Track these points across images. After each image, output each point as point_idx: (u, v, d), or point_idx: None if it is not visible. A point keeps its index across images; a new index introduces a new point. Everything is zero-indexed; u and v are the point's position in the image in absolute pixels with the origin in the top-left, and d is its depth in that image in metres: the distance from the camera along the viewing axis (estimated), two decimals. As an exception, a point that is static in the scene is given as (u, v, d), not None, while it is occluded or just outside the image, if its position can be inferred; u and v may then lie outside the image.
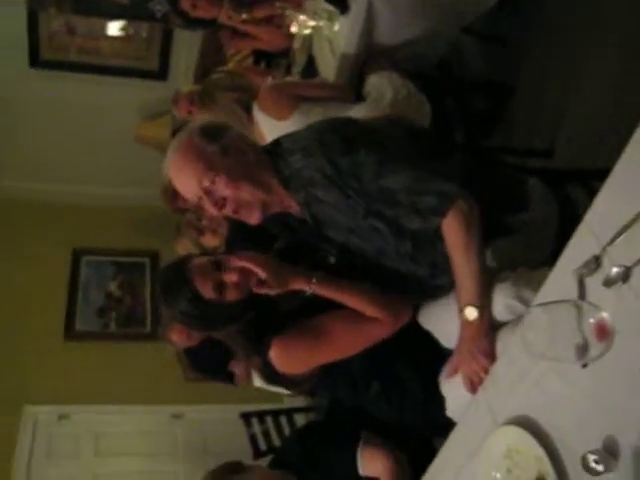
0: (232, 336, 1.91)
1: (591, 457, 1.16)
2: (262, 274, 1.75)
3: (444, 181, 1.71)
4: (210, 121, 1.83)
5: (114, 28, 5.39)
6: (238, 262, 1.78)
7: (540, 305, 1.17)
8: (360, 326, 1.82)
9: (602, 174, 1.31)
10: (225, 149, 1.75)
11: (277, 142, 1.91)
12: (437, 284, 1.87)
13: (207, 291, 1.76)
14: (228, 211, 1.76)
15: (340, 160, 1.71)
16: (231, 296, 1.78)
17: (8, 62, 5.16)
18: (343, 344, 1.86)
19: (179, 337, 3.90)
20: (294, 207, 1.85)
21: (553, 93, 2.97)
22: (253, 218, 1.79)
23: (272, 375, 1.85)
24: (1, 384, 4.50)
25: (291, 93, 2.77)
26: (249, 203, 1.77)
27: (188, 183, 1.75)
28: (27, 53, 5.18)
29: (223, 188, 1.73)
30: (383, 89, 2.78)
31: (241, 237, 1.91)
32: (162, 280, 1.83)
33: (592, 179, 2.15)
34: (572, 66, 2.88)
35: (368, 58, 2.96)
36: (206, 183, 1.72)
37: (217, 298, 1.77)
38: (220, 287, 1.77)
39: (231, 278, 1.78)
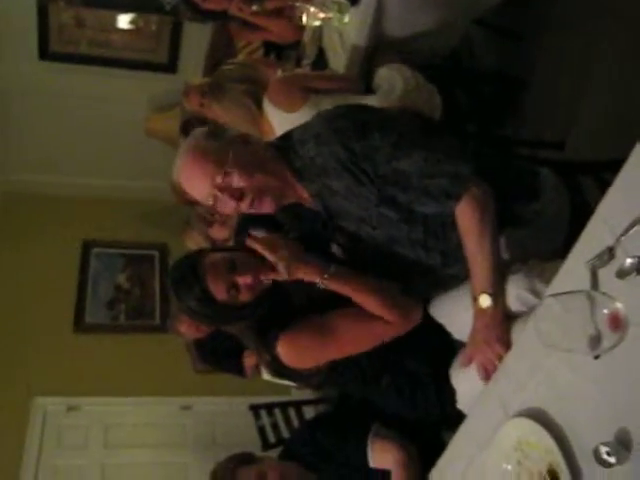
0: (242, 331, 1.91)
1: (603, 449, 1.15)
2: (271, 257, 1.74)
3: (458, 163, 1.70)
4: (212, 125, 1.83)
5: (124, 21, 5.40)
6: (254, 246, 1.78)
7: (553, 295, 1.16)
8: (369, 325, 1.81)
9: (614, 166, 1.30)
10: (231, 143, 1.76)
11: (286, 135, 1.90)
12: (449, 273, 1.86)
13: (220, 292, 1.75)
14: (246, 202, 1.74)
15: (354, 144, 1.71)
16: (244, 297, 1.78)
17: (18, 55, 5.18)
18: (351, 342, 1.85)
19: (188, 329, 3.92)
20: (307, 199, 1.84)
21: (565, 86, 2.95)
22: (268, 207, 1.78)
23: (280, 369, 1.85)
24: (11, 376, 4.54)
25: (301, 85, 2.76)
26: (264, 192, 1.75)
27: (202, 185, 1.74)
28: (36, 45, 5.19)
29: (237, 180, 1.72)
30: (393, 81, 2.76)
31: (250, 225, 1.90)
32: (174, 276, 1.82)
33: (604, 171, 2.14)
34: (584, 59, 2.86)
35: (378, 50, 2.95)
36: (219, 179, 1.71)
37: (230, 300, 1.76)
38: (233, 288, 1.76)
39: (245, 280, 1.77)
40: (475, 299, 1.71)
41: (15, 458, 4.28)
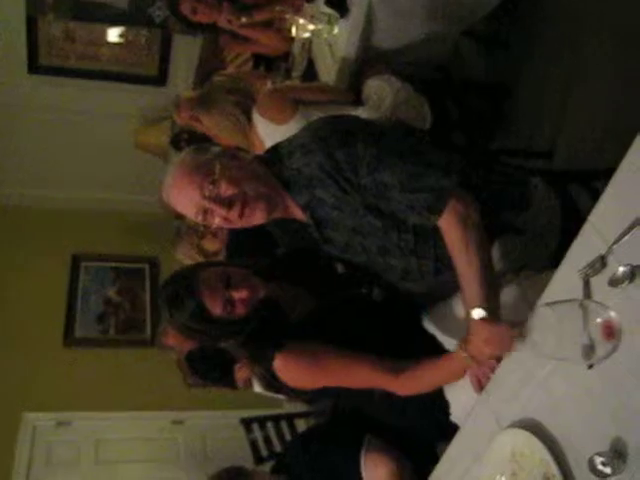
0: (234, 346, 1.89)
1: (598, 459, 1.14)
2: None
3: (440, 177, 1.69)
4: (199, 145, 1.83)
5: (113, 34, 5.40)
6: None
7: (546, 305, 1.16)
8: (367, 375, 1.78)
9: (603, 174, 1.30)
10: (218, 155, 1.76)
11: (273, 148, 1.90)
12: (442, 279, 1.85)
13: (216, 308, 1.73)
14: (236, 210, 1.72)
15: (338, 153, 1.71)
16: (239, 312, 1.76)
17: (7, 68, 5.18)
18: (346, 382, 1.84)
19: (175, 340, 3.91)
20: (297, 212, 1.84)
21: (553, 95, 2.97)
22: (259, 216, 1.76)
23: (273, 383, 1.83)
24: (0, 391, 4.49)
25: (290, 97, 2.76)
26: (254, 199, 1.73)
27: (190, 197, 1.72)
28: (26, 59, 5.19)
29: (226, 189, 1.70)
30: (383, 92, 2.77)
31: (241, 244, 1.89)
32: (168, 292, 1.79)
33: (593, 179, 2.14)
34: (572, 68, 2.88)
35: (367, 61, 2.95)
36: (208, 190, 1.70)
37: (225, 315, 1.75)
38: (229, 303, 1.75)
39: (240, 295, 1.76)
40: (469, 313, 1.69)
41: (4, 475, 4.22)
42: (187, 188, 1.72)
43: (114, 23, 5.28)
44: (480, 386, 1.68)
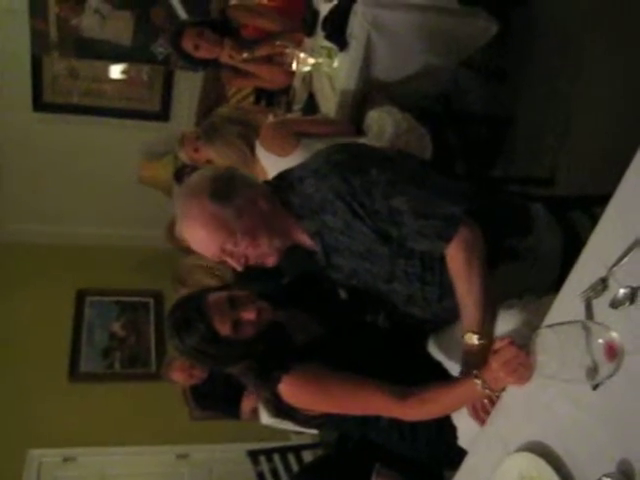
0: (242, 371, 1.90)
1: (606, 481, 1.15)
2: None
3: (450, 205, 1.73)
4: (215, 177, 1.81)
5: (116, 71, 5.48)
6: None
7: (549, 327, 1.17)
8: (374, 403, 1.78)
9: (604, 200, 1.32)
10: (240, 210, 1.75)
11: (282, 175, 1.93)
12: (447, 306, 1.87)
13: (225, 329, 1.75)
14: (250, 262, 1.80)
15: (353, 178, 1.74)
16: (248, 333, 1.78)
17: (12, 106, 5.25)
18: (350, 409, 1.84)
19: (180, 375, 3.93)
20: (305, 239, 1.87)
21: (552, 123, 3.00)
22: (270, 263, 1.83)
23: (280, 408, 1.83)
24: (5, 427, 4.49)
25: (292, 130, 2.79)
26: (269, 254, 1.81)
27: (209, 249, 1.79)
28: (30, 97, 5.27)
29: (244, 248, 1.77)
30: (384, 123, 2.81)
31: (247, 270, 1.91)
32: (176, 317, 1.80)
33: (594, 205, 2.17)
34: (570, 96, 2.92)
35: (368, 93, 3.00)
36: (228, 247, 1.76)
37: (233, 336, 1.77)
38: (237, 325, 1.77)
39: (249, 316, 1.78)
40: (462, 337, 1.72)
41: (10, 513, 4.21)
42: (208, 241, 1.76)
43: (117, 60, 5.37)
44: (476, 413, 1.69)
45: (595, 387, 1.22)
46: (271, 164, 2.77)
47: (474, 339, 1.68)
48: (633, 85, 2.62)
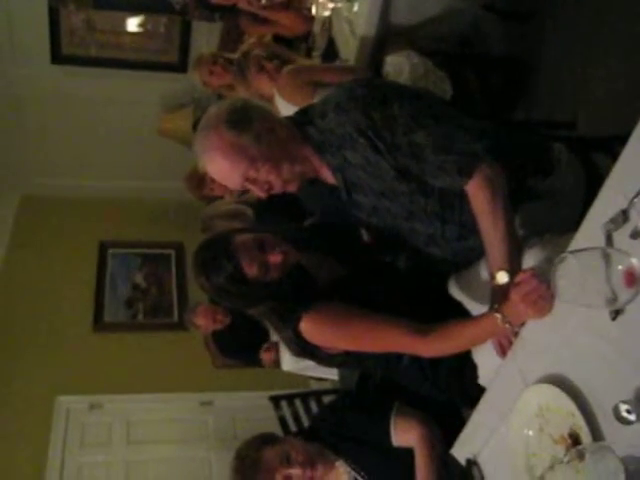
0: (264, 312, 1.93)
1: (623, 407, 1.17)
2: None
3: (471, 141, 1.73)
4: (230, 108, 1.82)
5: (133, 23, 5.45)
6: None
7: (570, 253, 1.18)
8: (393, 337, 1.79)
9: (625, 140, 1.31)
10: (258, 136, 1.77)
11: (304, 110, 1.93)
12: (467, 246, 1.88)
13: (252, 271, 1.78)
14: (274, 190, 1.82)
15: (374, 112, 1.74)
16: (273, 275, 1.81)
17: (30, 59, 5.25)
18: (369, 345, 1.86)
19: (205, 320, 3.99)
20: (327, 174, 1.88)
21: (574, 65, 2.96)
22: (292, 189, 1.85)
23: (302, 347, 1.86)
24: (33, 376, 4.61)
25: (309, 79, 2.78)
26: (290, 181, 1.83)
27: (232, 179, 1.81)
28: (49, 50, 5.25)
29: (267, 174, 1.78)
30: (401, 68, 2.79)
31: (271, 208, 1.93)
32: (204, 256, 1.83)
33: (616, 146, 2.15)
34: (593, 36, 2.87)
35: (387, 38, 2.97)
36: (251, 174, 1.78)
37: (260, 278, 1.79)
38: (264, 267, 1.79)
39: (276, 259, 1.81)
40: (492, 276, 1.72)
41: (40, 457, 4.34)
42: (230, 170, 1.78)
43: (134, 11, 5.33)
44: (502, 349, 1.71)
45: (614, 317, 1.24)
46: (288, 113, 2.77)
47: (505, 277, 1.66)
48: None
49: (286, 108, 2.80)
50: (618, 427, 1.19)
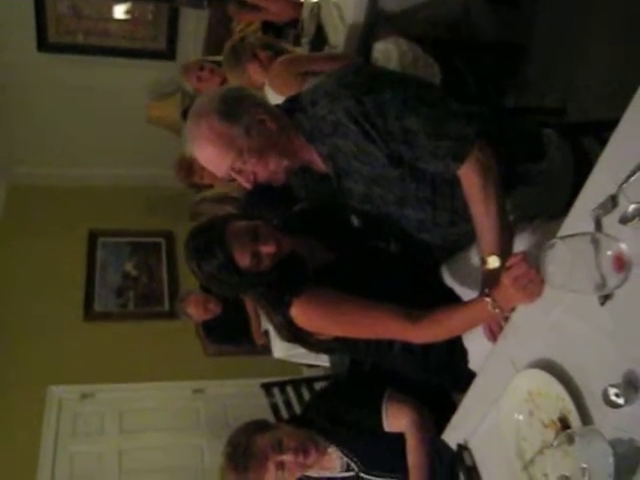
0: (255, 297, 1.93)
1: (612, 390, 1.18)
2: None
3: (464, 126, 1.73)
4: (223, 97, 1.81)
5: (120, 10, 5.40)
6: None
7: (559, 238, 1.19)
8: (383, 322, 1.81)
9: (615, 126, 1.31)
10: (248, 128, 1.76)
11: (294, 98, 1.92)
12: (458, 231, 1.88)
13: (244, 260, 1.78)
14: (260, 180, 1.82)
15: (365, 99, 1.73)
16: (265, 265, 1.81)
17: (16, 46, 5.19)
18: (361, 329, 1.87)
19: (196, 310, 3.98)
20: (318, 162, 1.88)
21: (563, 50, 2.97)
22: (280, 181, 1.85)
23: (293, 333, 1.86)
24: (25, 366, 4.61)
25: (299, 70, 2.77)
26: (276, 173, 1.82)
27: (218, 168, 1.81)
28: (35, 37, 5.20)
29: (253, 166, 1.78)
30: (389, 55, 2.78)
31: (260, 193, 1.93)
32: (197, 244, 1.82)
33: (605, 131, 2.15)
34: (582, 21, 2.87)
35: (377, 24, 2.96)
36: (237, 165, 1.78)
37: (252, 267, 1.79)
38: (256, 257, 1.79)
39: (268, 249, 1.81)
40: (484, 261, 1.73)
41: (32, 447, 4.34)
42: (217, 158, 1.79)
43: (120, -3, 5.29)
44: (492, 334, 1.72)
45: (603, 302, 1.25)
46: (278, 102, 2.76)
47: (496, 261, 1.68)
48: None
49: (274, 98, 2.79)
50: (607, 411, 1.21)
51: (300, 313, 1.80)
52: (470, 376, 1.82)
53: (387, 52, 2.79)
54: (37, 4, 5.05)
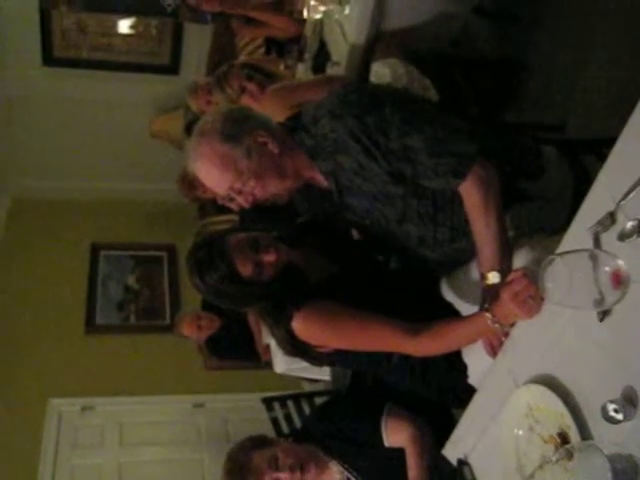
0: (257, 311, 1.94)
1: (610, 406, 1.18)
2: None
3: (465, 143, 1.75)
4: (226, 117, 1.83)
5: (125, 25, 5.45)
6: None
7: (558, 255, 1.20)
8: (383, 338, 1.81)
9: (614, 143, 1.33)
10: (249, 150, 1.78)
11: (296, 116, 1.95)
12: (458, 247, 1.90)
13: (246, 271, 1.79)
14: (259, 200, 1.84)
15: (367, 117, 1.75)
16: (267, 274, 1.83)
17: (21, 61, 5.24)
18: (361, 342, 1.87)
19: (189, 330, 4.02)
20: (319, 179, 1.90)
21: (563, 67, 2.99)
22: (281, 202, 1.88)
23: (294, 345, 1.87)
24: (26, 379, 4.60)
25: (293, 102, 2.76)
26: (276, 196, 1.85)
27: (218, 187, 1.84)
28: (40, 51, 5.26)
29: (252, 188, 1.81)
30: (383, 79, 2.80)
31: (255, 209, 1.94)
32: (198, 257, 1.83)
33: (604, 148, 2.17)
34: (582, 38, 2.90)
35: (378, 42, 2.98)
36: (236, 186, 1.80)
37: (254, 277, 1.81)
38: (258, 267, 1.81)
39: (269, 259, 1.82)
40: (484, 276, 1.74)
41: (33, 459, 4.33)
42: (217, 179, 1.81)
43: (125, 13, 5.34)
44: (492, 349, 1.72)
45: (602, 318, 1.26)
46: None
47: (496, 277, 1.70)
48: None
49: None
50: (606, 426, 1.21)
51: (301, 326, 1.81)
52: (470, 391, 1.82)
53: (382, 76, 2.80)
54: (42, 19, 5.12)
